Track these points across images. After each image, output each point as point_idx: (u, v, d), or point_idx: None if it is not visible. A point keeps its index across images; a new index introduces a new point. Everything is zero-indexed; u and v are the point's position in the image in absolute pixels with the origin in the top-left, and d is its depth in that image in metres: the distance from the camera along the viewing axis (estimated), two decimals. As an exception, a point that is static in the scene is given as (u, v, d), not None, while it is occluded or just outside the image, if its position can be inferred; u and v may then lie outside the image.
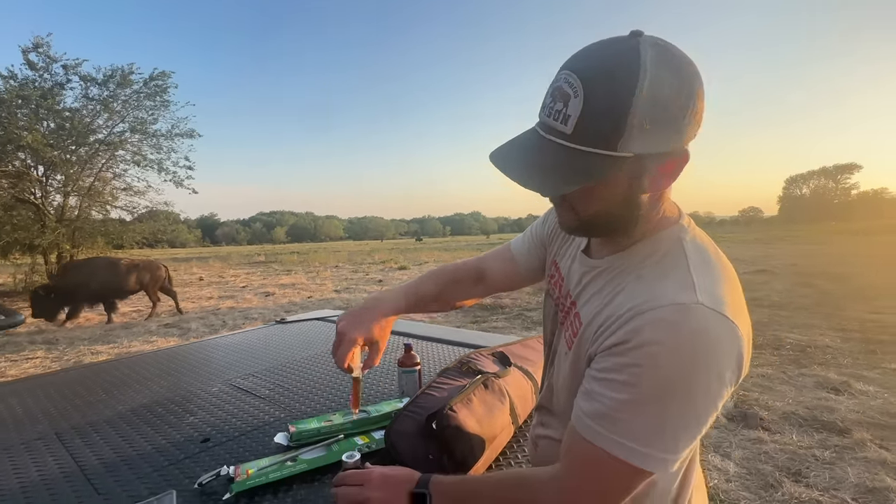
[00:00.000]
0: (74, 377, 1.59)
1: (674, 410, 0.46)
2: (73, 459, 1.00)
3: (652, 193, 0.54)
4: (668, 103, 0.46)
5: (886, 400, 3.29)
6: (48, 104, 10.25)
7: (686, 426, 0.47)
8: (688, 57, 0.48)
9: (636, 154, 0.47)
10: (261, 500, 0.82)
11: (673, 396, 0.46)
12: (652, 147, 0.47)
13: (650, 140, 0.47)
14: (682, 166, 0.51)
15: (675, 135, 0.48)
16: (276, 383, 1.44)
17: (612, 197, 0.53)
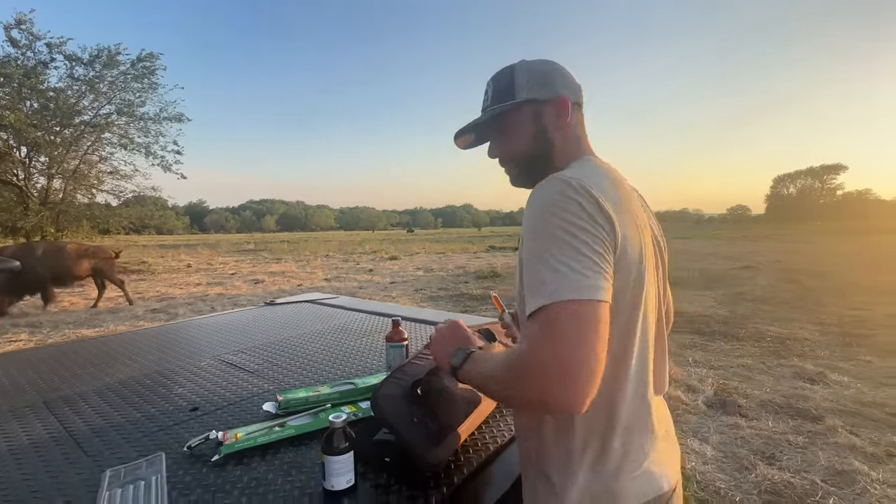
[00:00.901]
0: (63, 351, 1.59)
1: (550, 248, 0.56)
2: (62, 425, 1.01)
3: (559, 132, 0.74)
4: (537, 70, 0.75)
5: (859, 390, 3.40)
6: (31, 83, 9.99)
7: (569, 255, 0.55)
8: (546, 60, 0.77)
9: (527, 98, 0.73)
10: (249, 462, 0.84)
11: (542, 235, 0.57)
12: (536, 94, 0.73)
13: (532, 89, 0.74)
14: (565, 106, 0.73)
15: (549, 86, 0.74)
16: (265, 359, 1.45)
17: (527, 132, 0.75)
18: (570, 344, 0.51)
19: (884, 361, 4.08)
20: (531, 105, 0.74)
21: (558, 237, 0.56)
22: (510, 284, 9.39)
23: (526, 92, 0.74)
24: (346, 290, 8.90)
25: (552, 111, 0.74)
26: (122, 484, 0.76)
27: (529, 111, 0.74)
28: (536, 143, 0.75)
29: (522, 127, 0.75)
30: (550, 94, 0.74)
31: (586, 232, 0.56)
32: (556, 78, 0.75)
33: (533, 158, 0.76)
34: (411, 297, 8.02)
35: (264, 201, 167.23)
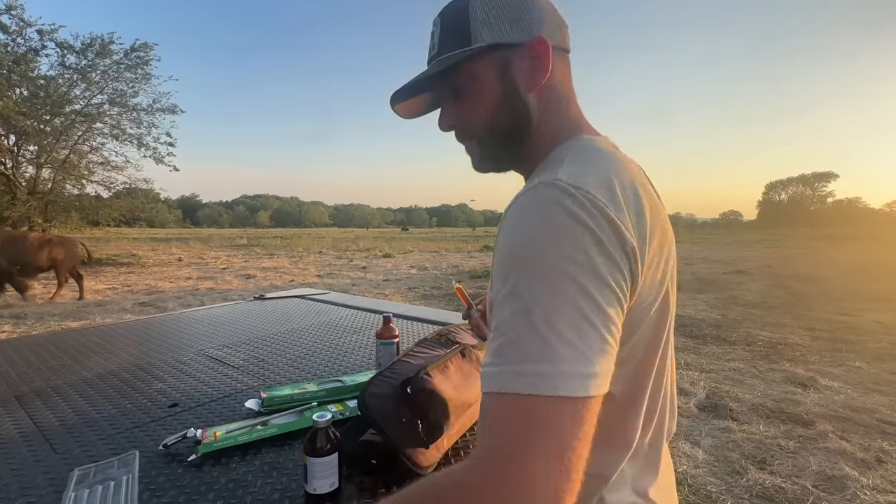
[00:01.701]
0: (40, 343, 1.53)
1: (539, 299, 0.37)
2: (32, 421, 0.96)
3: (537, 91, 0.53)
4: (508, 5, 0.51)
5: (849, 395, 3.42)
6: (21, 70, 9.81)
7: (567, 316, 0.36)
8: None
9: (489, 43, 0.50)
10: (228, 462, 0.80)
11: (533, 272, 0.38)
12: (502, 36, 0.51)
13: (497, 30, 0.51)
14: (544, 54, 0.51)
15: (520, 25, 0.51)
16: (251, 355, 1.41)
17: (490, 95, 0.53)
18: (545, 465, 0.34)
19: (872, 367, 4.11)
20: (495, 53, 0.51)
21: (556, 286, 0.37)
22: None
23: (487, 32, 0.51)
24: (339, 287, 8.83)
25: (525, 62, 0.52)
26: (90, 484, 0.71)
27: (492, 62, 0.52)
28: (504, 111, 0.53)
29: (483, 86, 0.53)
30: (522, 35, 0.51)
31: (598, 280, 0.38)
32: (530, 8, 0.52)
33: (500, 133, 0.55)
34: (404, 296, 7.97)
35: (258, 196, 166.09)
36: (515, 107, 0.53)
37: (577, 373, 0.36)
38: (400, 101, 0.59)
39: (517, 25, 0.51)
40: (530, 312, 0.37)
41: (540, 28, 0.52)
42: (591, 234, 0.39)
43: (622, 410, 0.49)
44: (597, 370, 0.36)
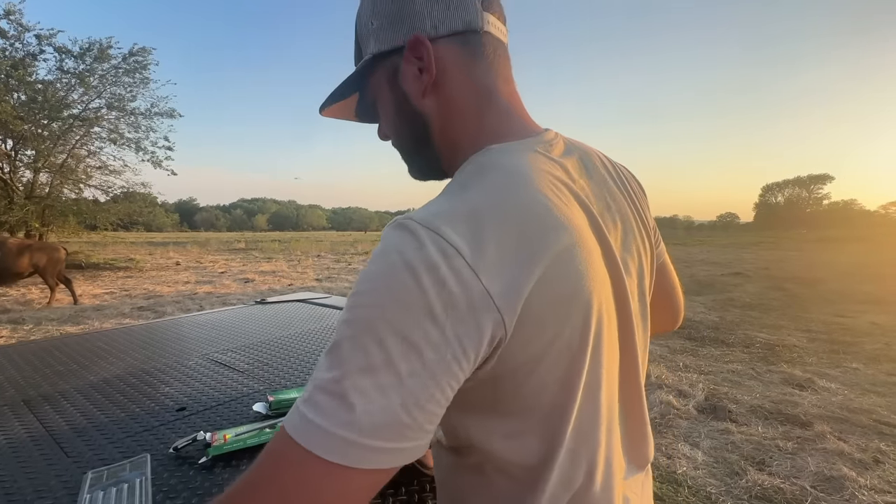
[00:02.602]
0: (45, 348, 1.54)
1: (348, 355, 0.33)
2: (42, 425, 0.97)
3: (428, 97, 0.48)
4: (382, 4, 0.47)
5: (846, 396, 3.45)
6: (19, 75, 9.81)
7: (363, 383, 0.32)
8: None
9: (375, 53, 0.48)
10: (238, 464, 0.81)
11: (346, 335, 0.33)
12: (385, 42, 0.47)
13: (380, 37, 0.47)
14: (423, 52, 0.45)
15: (400, 24, 0.46)
16: (256, 358, 1.42)
17: (387, 107, 0.51)
18: None
19: (869, 368, 4.14)
20: (384, 62, 0.48)
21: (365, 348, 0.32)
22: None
23: (373, 42, 0.48)
24: (338, 291, 8.83)
25: (409, 67, 0.47)
26: (104, 486, 0.73)
27: (384, 73, 0.49)
28: (402, 121, 0.50)
29: (382, 98, 0.51)
30: (403, 35, 0.46)
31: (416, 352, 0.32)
32: (404, 6, 0.46)
33: (406, 144, 0.53)
34: (403, 299, 7.98)
35: (256, 200, 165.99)
36: (409, 116, 0.49)
37: (341, 437, 0.31)
38: (327, 107, 0.56)
39: (397, 25, 0.46)
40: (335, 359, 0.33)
41: (420, 21, 0.45)
42: (424, 296, 0.32)
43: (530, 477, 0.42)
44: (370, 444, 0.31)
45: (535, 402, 0.40)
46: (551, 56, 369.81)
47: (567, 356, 0.39)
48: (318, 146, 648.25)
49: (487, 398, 0.40)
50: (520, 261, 0.35)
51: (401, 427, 0.32)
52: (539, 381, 0.39)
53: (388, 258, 0.34)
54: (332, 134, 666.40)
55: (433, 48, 0.46)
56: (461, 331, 0.33)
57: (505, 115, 0.49)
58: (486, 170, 0.42)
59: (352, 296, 0.35)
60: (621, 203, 0.51)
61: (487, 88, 0.48)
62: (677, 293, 0.69)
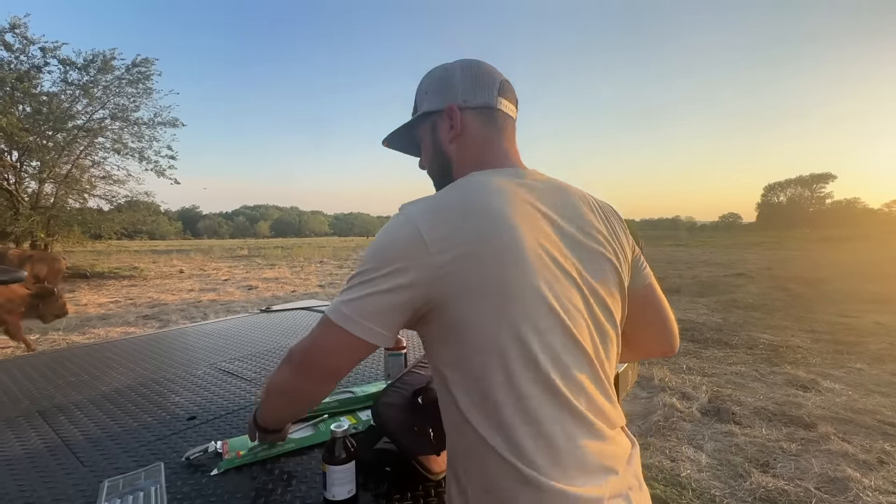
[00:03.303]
0: (55, 359, 1.57)
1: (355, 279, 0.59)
2: (57, 435, 1.00)
3: (453, 144, 0.71)
4: (436, 77, 0.74)
5: (850, 397, 3.44)
6: (24, 87, 9.92)
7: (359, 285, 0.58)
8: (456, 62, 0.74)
9: (425, 111, 0.73)
10: (249, 472, 0.84)
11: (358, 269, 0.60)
12: (432, 105, 0.72)
13: (430, 101, 0.73)
14: (453, 116, 0.70)
15: (442, 93, 0.71)
16: (262, 367, 1.45)
17: (427, 147, 0.75)
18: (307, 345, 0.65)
19: (874, 368, 4.13)
20: (429, 117, 0.73)
21: (363, 273, 0.59)
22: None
23: (426, 103, 0.73)
24: (341, 297, 8.85)
25: (445, 122, 0.71)
26: (120, 494, 0.75)
27: (428, 124, 0.74)
28: (436, 159, 0.74)
29: (424, 141, 0.75)
30: (443, 103, 0.71)
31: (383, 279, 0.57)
32: (453, 83, 0.71)
33: (438, 174, 0.75)
34: (406, 304, 7.99)
35: (258, 206, 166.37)
36: (441, 156, 0.74)
37: (342, 312, 0.58)
38: (387, 142, 0.83)
39: (440, 95, 0.72)
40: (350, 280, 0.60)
41: (454, 96, 0.71)
42: (396, 248, 0.57)
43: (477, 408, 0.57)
44: (354, 317, 0.57)
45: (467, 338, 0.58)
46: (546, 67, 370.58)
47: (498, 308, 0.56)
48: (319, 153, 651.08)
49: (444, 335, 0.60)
50: (460, 242, 0.56)
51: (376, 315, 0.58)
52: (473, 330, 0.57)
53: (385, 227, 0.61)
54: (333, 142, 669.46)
55: (461, 114, 0.70)
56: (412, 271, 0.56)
57: (501, 160, 0.70)
58: (459, 184, 0.65)
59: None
60: (596, 226, 0.67)
61: (492, 143, 0.71)
62: (669, 320, 0.77)
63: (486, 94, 0.71)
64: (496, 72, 0.73)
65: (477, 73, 0.72)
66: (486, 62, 0.74)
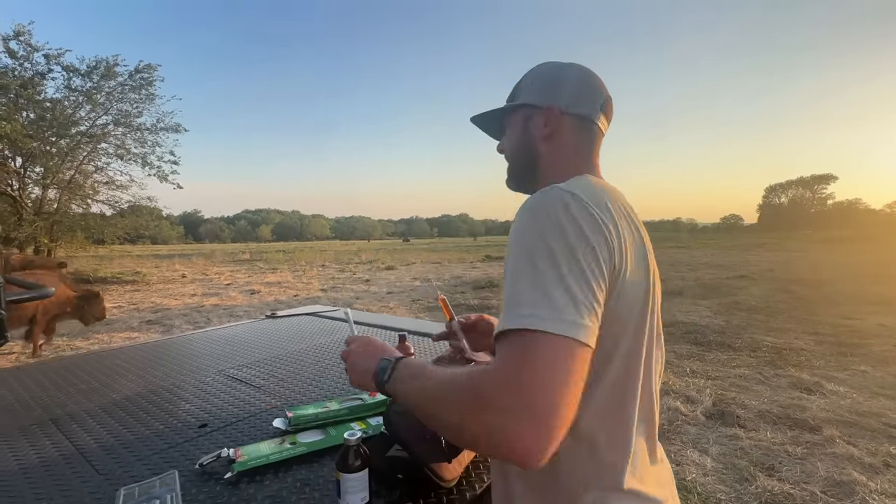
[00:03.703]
0: (65, 366, 1.58)
1: (540, 262, 0.50)
2: (72, 443, 1.01)
3: (546, 143, 0.71)
4: (546, 75, 0.73)
5: (855, 400, 3.44)
6: (28, 94, 10.00)
7: (560, 275, 0.49)
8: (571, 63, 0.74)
9: (524, 102, 0.73)
10: (262, 479, 0.85)
11: (532, 250, 0.51)
12: (534, 99, 0.72)
13: (532, 94, 0.73)
14: (555, 119, 0.70)
15: (548, 92, 0.71)
16: (270, 374, 1.46)
17: (515, 135, 0.75)
18: (546, 383, 0.45)
19: (878, 371, 4.12)
20: (525, 110, 0.74)
21: (550, 257, 0.50)
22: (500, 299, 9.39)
23: (526, 95, 0.73)
24: (343, 301, 8.87)
25: (541, 119, 0.71)
26: (137, 502, 0.76)
27: (521, 115, 0.74)
28: (522, 150, 0.74)
29: (515, 130, 0.75)
30: (545, 101, 0.71)
31: (582, 259, 0.50)
32: (563, 86, 0.71)
33: (519, 165, 0.76)
34: (408, 308, 8.01)
35: (259, 211, 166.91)
36: (528, 150, 0.74)
37: (570, 321, 0.47)
38: (475, 120, 0.84)
39: (546, 93, 0.72)
40: (531, 277, 0.50)
41: (557, 98, 0.70)
42: (578, 226, 0.52)
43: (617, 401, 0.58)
44: (583, 322, 0.48)
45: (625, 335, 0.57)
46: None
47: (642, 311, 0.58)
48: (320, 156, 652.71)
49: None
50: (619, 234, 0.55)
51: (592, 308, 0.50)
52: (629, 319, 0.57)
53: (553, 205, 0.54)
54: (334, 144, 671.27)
55: (560, 117, 0.70)
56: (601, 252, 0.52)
57: (590, 170, 0.71)
58: (584, 179, 0.63)
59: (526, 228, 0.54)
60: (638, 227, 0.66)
61: (583, 153, 0.72)
62: None
63: (590, 106, 0.71)
64: (604, 87, 0.73)
65: (587, 83, 0.72)
66: (596, 74, 0.74)
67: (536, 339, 0.47)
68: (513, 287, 0.51)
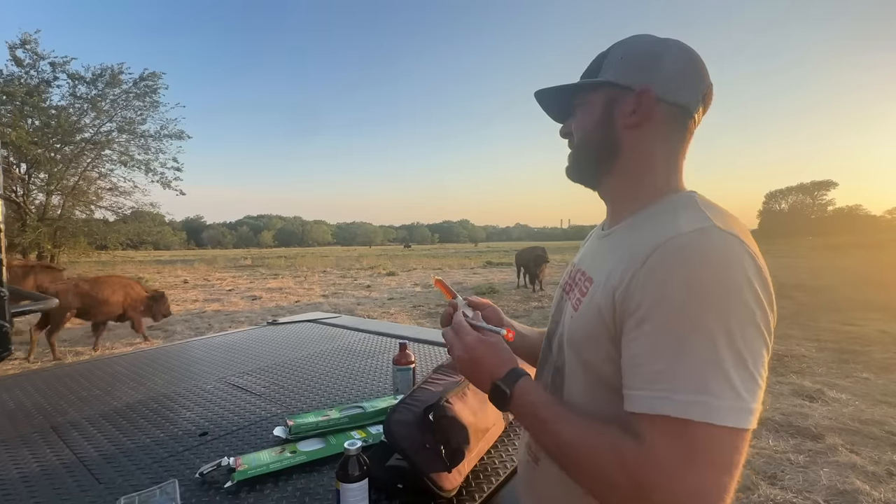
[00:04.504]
0: (67, 373, 1.59)
1: (717, 336, 0.43)
2: (72, 452, 1.01)
3: (632, 131, 0.60)
4: (641, 50, 0.60)
5: (857, 407, 3.42)
6: (34, 101, 10.08)
7: (738, 351, 0.43)
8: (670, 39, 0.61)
9: (609, 80, 0.60)
10: (262, 489, 0.85)
11: (707, 321, 0.43)
12: (622, 78, 0.60)
13: (620, 70, 0.60)
14: (649, 106, 0.58)
15: (643, 71, 0.59)
16: (271, 381, 1.46)
17: (593, 117, 0.63)
18: (720, 482, 0.42)
19: (880, 378, 4.10)
20: (609, 90, 0.61)
21: (728, 336, 0.43)
22: (508, 300, 9.39)
23: (612, 72, 0.60)
24: (345, 307, 8.87)
25: (629, 103, 0.59)
26: (137, 512, 0.77)
27: (604, 96, 0.62)
28: (600, 137, 0.62)
29: (592, 112, 0.63)
30: (638, 81, 0.58)
31: (764, 332, 0.45)
32: (662, 66, 0.58)
33: (592, 153, 0.64)
34: (409, 314, 8.00)
35: (261, 216, 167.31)
36: (608, 138, 0.62)
37: (740, 407, 0.42)
38: (539, 97, 0.70)
39: (638, 72, 0.59)
40: (714, 356, 0.43)
41: (654, 79, 0.58)
42: (760, 285, 0.46)
43: None
44: (753, 406, 0.43)
45: None
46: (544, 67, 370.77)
47: None
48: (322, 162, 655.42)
49: None
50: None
51: (759, 386, 0.44)
52: None
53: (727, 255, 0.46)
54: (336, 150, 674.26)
55: (655, 104, 0.59)
56: (771, 315, 0.47)
57: (676, 176, 0.62)
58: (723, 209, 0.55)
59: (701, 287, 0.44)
60: None
61: (673, 152, 0.61)
62: None
63: (690, 94, 0.59)
64: (707, 72, 0.61)
65: (692, 66, 0.59)
66: (700, 56, 0.61)
67: (710, 434, 0.42)
68: (673, 361, 0.44)
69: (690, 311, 0.44)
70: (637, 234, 0.56)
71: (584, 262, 0.68)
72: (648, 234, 0.52)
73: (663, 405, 0.44)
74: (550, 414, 0.53)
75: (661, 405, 0.44)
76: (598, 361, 0.55)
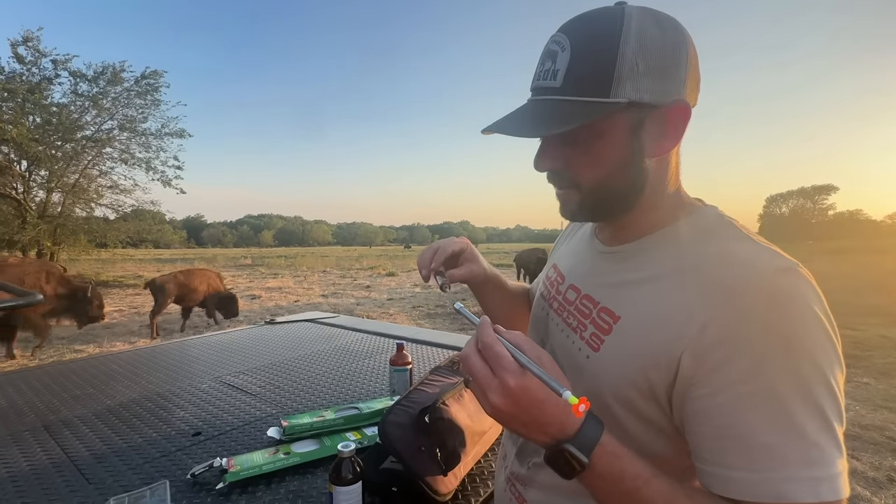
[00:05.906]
0: (60, 371, 1.57)
1: (822, 400, 0.38)
2: (63, 451, 1.00)
3: (657, 158, 0.48)
4: (658, 48, 0.43)
5: (857, 412, 3.40)
6: (35, 98, 10.11)
7: (838, 411, 0.39)
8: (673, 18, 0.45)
9: (630, 100, 0.43)
10: (254, 491, 0.83)
11: (812, 386, 0.38)
12: (647, 94, 0.43)
13: (644, 84, 0.43)
14: (684, 122, 0.45)
15: (671, 83, 0.44)
16: (267, 381, 1.45)
17: (612, 155, 0.46)
18: None
19: (881, 383, 4.08)
20: (632, 111, 0.44)
21: (834, 394, 0.39)
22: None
23: (631, 86, 0.43)
24: (344, 307, 8.86)
25: (658, 126, 0.45)
26: (126, 513, 0.75)
27: (626, 121, 0.45)
28: (623, 173, 0.47)
29: (607, 143, 0.46)
30: (664, 95, 0.44)
31: (837, 385, 0.40)
32: (680, 64, 0.44)
33: (610, 194, 0.49)
34: (409, 314, 7.99)
35: (262, 216, 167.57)
36: (635, 171, 0.47)
37: (837, 475, 0.38)
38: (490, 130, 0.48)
39: (662, 82, 0.44)
40: (791, 416, 0.38)
41: (682, 89, 0.45)
42: (834, 345, 0.40)
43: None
44: (843, 473, 0.38)
45: None
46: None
47: None
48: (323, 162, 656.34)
49: None
50: None
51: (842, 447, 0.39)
52: None
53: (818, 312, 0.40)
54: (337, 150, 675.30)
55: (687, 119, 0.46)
56: None
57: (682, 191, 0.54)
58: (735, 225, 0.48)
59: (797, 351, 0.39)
60: None
61: (677, 161, 0.52)
62: None
63: (698, 93, 0.48)
64: None
65: (696, 59, 0.46)
66: None
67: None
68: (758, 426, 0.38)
69: (796, 373, 0.38)
70: (683, 265, 0.46)
71: (582, 280, 0.57)
72: (711, 272, 0.43)
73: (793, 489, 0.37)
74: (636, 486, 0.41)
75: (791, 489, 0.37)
76: (623, 415, 0.48)
